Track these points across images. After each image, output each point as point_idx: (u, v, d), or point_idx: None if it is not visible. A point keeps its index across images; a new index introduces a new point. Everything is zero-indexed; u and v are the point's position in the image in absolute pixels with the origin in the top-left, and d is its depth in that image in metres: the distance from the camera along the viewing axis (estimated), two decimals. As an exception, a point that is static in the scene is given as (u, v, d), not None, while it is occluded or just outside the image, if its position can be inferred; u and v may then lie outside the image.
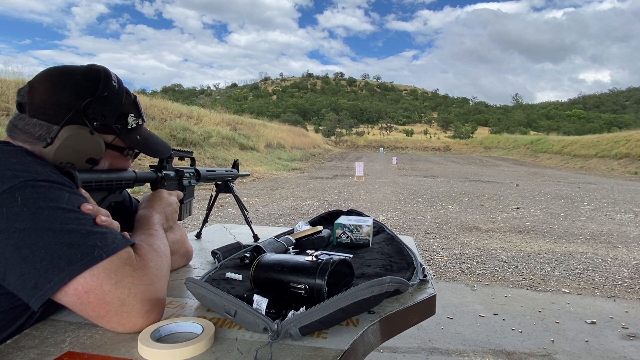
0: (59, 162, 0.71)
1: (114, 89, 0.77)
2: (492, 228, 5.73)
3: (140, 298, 0.62)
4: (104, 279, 0.59)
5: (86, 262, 0.59)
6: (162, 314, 0.66)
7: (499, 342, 2.44)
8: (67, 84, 0.73)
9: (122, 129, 0.80)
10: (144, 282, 0.63)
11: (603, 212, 7.29)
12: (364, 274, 0.93)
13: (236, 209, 6.40)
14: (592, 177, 16.44)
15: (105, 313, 0.60)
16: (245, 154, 16.87)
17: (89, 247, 0.60)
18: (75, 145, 0.72)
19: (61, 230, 0.60)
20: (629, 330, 2.62)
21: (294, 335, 0.63)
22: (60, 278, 0.58)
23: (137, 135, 0.83)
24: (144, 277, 0.64)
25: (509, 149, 40.76)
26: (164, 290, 0.69)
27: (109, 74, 0.77)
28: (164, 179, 0.98)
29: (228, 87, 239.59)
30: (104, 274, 0.59)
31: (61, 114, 0.71)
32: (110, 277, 0.60)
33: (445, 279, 3.61)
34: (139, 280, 0.63)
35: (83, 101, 0.73)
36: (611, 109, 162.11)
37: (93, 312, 0.60)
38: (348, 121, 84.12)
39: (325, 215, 1.51)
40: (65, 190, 0.65)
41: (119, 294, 0.60)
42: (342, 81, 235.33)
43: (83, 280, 0.58)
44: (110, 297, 0.59)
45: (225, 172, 1.30)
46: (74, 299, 0.59)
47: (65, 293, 0.59)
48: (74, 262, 0.58)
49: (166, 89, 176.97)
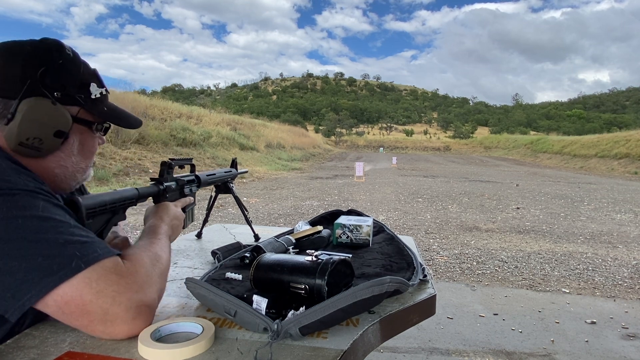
0: (25, 138, 0.68)
1: (68, 57, 0.73)
2: (492, 228, 5.73)
3: (125, 306, 0.60)
4: (84, 289, 0.57)
5: (63, 274, 0.57)
6: (151, 320, 0.65)
7: (499, 342, 2.44)
8: (17, 56, 0.69)
9: (85, 99, 0.75)
10: (130, 289, 0.61)
11: (603, 212, 7.29)
12: (364, 274, 0.93)
13: (236, 208, 6.40)
14: (592, 177, 16.44)
15: (89, 322, 0.58)
16: (245, 154, 16.87)
17: (67, 257, 0.58)
18: (38, 118, 0.68)
19: (37, 240, 0.58)
20: (629, 330, 2.62)
21: (294, 335, 0.63)
22: (38, 290, 0.56)
23: (103, 106, 0.79)
24: (132, 284, 0.62)
25: (509, 149, 40.76)
26: (154, 296, 0.66)
27: (61, 43, 0.74)
28: (166, 191, 0.96)
29: (228, 87, 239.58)
30: (83, 284, 0.57)
31: (17, 87, 0.68)
32: (91, 287, 0.58)
33: (445, 279, 3.61)
34: (125, 288, 0.61)
35: (37, 70, 0.69)
36: (611, 109, 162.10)
37: (76, 321, 0.59)
38: (348, 121, 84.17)
39: (325, 215, 1.51)
40: (40, 198, 0.62)
41: (100, 303, 0.58)
42: (342, 81, 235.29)
43: (62, 292, 0.56)
44: (92, 307, 0.58)
45: (224, 173, 1.29)
46: (54, 309, 0.58)
47: (45, 304, 0.57)
48: (51, 274, 0.56)
49: (166, 89, 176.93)
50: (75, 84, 0.74)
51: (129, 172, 9.83)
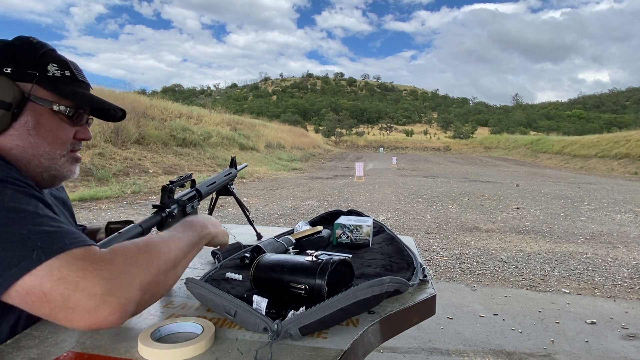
0: None
1: (23, 39, 0.74)
2: (492, 228, 5.72)
3: (89, 292, 0.55)
4: (44, 277, 0.55)
5: (24, 266, 0.55)
6: (121, 313, 0.57)
7: (499, 342, 2.44)
8: None
9: (40, 76, 0.73)
10: (99, 276, 0.56)
11: (603, 212, 7.29)
12: (364, 274, 0.93)
13: (236, 209, 6.40)
14: (592, 177, 16.43)
15: (50, 311, 0.56)
16: (245, 154, 16.88)
17: (27, 249, 0.56)
18: None
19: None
20: (629, 330, 2.62)
21: (294, 335, 0.63)
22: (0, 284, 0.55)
23: (65, 87, 0.76)
24: (102, 271, 0.57)
25: (509, 149, 40.77)
26: (133, 289, 0.59)
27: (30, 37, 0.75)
28: (169, 217, 0.92)
29: (228, 87, 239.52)
30: (44, 272, 0.55)
31: None
32: (52, 275, 0.55)
33: (445, 279, 3.61)
34: (92, 274, 0.56)
35: None
36: (611, 109, 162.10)
37: (38, 310, 0.57)
38: (348, 121, 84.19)
39: (325, 215, 1.51)
40: (9, 187, 0.61)
41: (61, 290, 0.55)
42: (342, 81, 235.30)
43: (23, 283, 0.55)
44: (52, 294, 0.55)
45: (224, 177, 1.29)
46: (18, 301, 0.57)
47: (9, 296, 0.56)
48: (12, 267, 0.55)
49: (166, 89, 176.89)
50: (29, 62, 0.73)
51: (129, 172, 9.83)
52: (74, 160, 0.82)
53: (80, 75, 0.79)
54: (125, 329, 0.67)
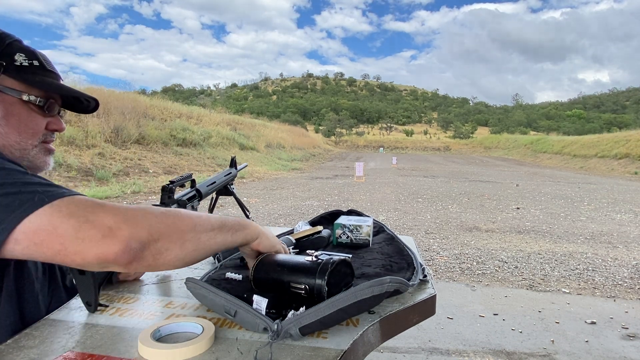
0: None
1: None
2: (492, 228, 5.72)
3: (99, 223, 0.55)
4: (52, 214, 0.55)
5: (28, 207, 0.55)
6: (125, 245, 0.55)
7: (499, 342, 2.44)
8: None
9: (7, 65, 0.72)
10: (107, 212, 0.56)
11: (603, 212, 7.29)
12: (364, 274, 0.93)
13: (236, 208, 6.40)
14: (592, 177, 16.43)
15: (61, 246, 0.55)
16: (245, 154, 16.88)
17: (28, 194, 0.56)
18: None
19: None
20: (629, 330, 2.62)
21: (294, 335, 0.63)
22: (3, 228, 0.54)
23: (34, 76, 0.75)
24: (111, 209, 0.57)
25: (509, 149, 40.77)
26: (141, 229, 0.57)
27: None
28: None
29: (228, 87, 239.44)
30: (51, 210, 0.55)
31: None
32: (61, 211, 0.55)
33: (445, 279, 3.61)
34: (101, 210, 0.56)
35: None
36: (611, 109, 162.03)
37: (49, 249, 0.55)
38: (348, 121, 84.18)
39: (325, 215, 1.51)
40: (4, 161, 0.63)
41: (72, 222, 0.54)
42: (342, 81, 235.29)
43: (29, 222, 0.54)
44: (63, 228, 0.54)
45: (224, 177, 1.29)
46: (26, 243, 0.55)
47: (16, 240, 0.55)
48: (16, 209, 0.55)
49: (166, 89, 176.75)
50: None
51: (129, 172, 9.83)
52: (46, 152, 0.81)
53: (49, 65, 0.78)
54: (125, 329, 0.67)
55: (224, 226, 0.69)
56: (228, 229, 0.70)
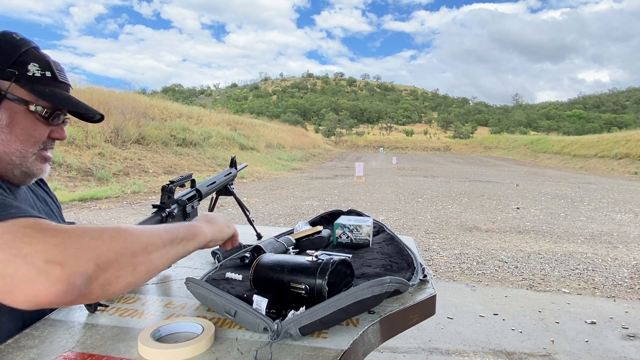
0: None
1: (6, 34, 0.73)
2: (492, 228, 5.72)
3: (31, 259, 0.47)
4: None
5: None
6: (66, 285, 0.47)
7: (499, 342, 2.44)
8: None
9: (19, 75, 0.72)
10: (46, 243, 0.48)
11: (603, 212, 7.29)
12: (364, 274, 0.93)
13: (236, 208, 6.40)
14: (592, 177, 16.44)
15: None
16: (245, 154, 16.88)
17: None
18: None
19: None
20: (629, 330, 2.62)
21: (294, 335, 0.63)
22: None
23: (45, 88, 0.74)
24: (50, 238, 0.49)
25: (509, 149, 40.77)
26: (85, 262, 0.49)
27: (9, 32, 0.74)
28: (169, 217, 0.92)
29: (228, 87, 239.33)
30: None
31: None
32: None
33: (445, 279, 3.61)
34: (39, 241, 0.48)
35: None
36: (611, 109, 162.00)
37: None
38: (348, 121, 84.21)
39: (325, 215, 1.51)
40: None
41: (1, 257, 0.47)
42: (342, 81, 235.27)
43: None
44: None
45: (224, 177, 1.29)
46: None
47: None
48: None
49: (166, 89, 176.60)
50: (9, 60, 0.72)
51: (128, 172, 9.83)
52: (43, 159, 0.80)
53: (61, 75, 0.78)
54: (125, 329, 0.67)
55: (175, 239, 0.64)
56: (179, 241, 0.65)
